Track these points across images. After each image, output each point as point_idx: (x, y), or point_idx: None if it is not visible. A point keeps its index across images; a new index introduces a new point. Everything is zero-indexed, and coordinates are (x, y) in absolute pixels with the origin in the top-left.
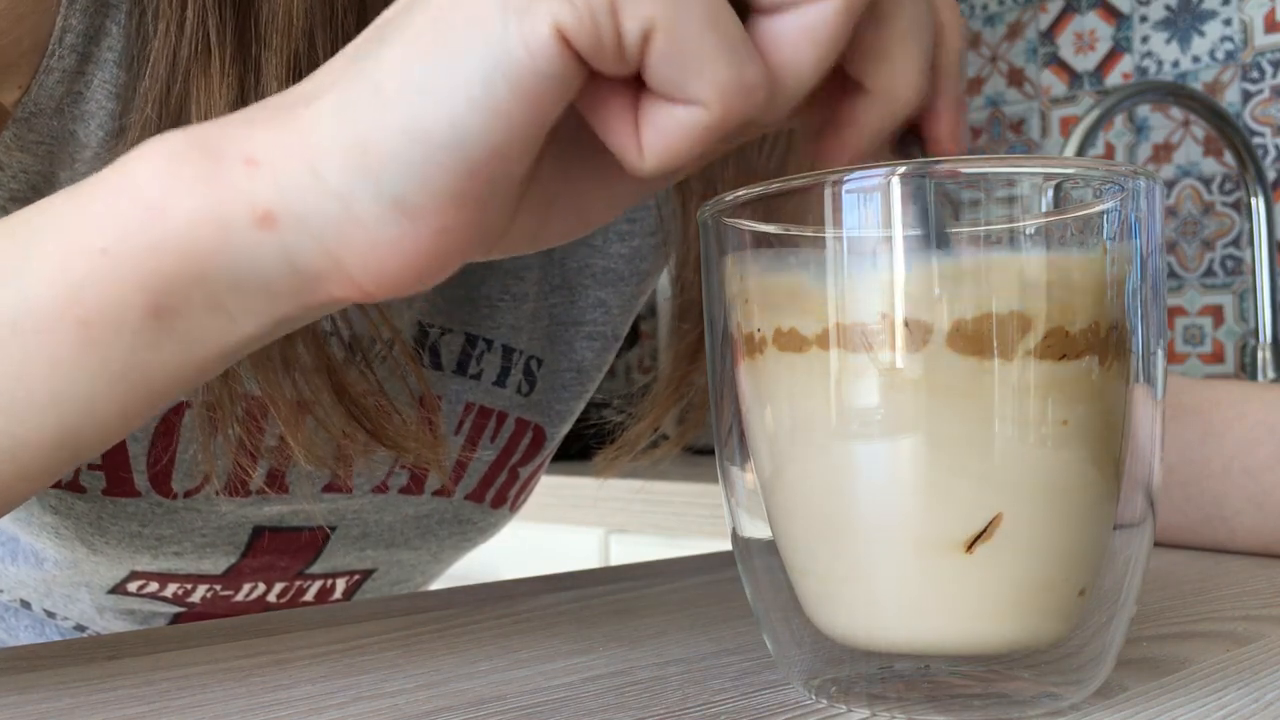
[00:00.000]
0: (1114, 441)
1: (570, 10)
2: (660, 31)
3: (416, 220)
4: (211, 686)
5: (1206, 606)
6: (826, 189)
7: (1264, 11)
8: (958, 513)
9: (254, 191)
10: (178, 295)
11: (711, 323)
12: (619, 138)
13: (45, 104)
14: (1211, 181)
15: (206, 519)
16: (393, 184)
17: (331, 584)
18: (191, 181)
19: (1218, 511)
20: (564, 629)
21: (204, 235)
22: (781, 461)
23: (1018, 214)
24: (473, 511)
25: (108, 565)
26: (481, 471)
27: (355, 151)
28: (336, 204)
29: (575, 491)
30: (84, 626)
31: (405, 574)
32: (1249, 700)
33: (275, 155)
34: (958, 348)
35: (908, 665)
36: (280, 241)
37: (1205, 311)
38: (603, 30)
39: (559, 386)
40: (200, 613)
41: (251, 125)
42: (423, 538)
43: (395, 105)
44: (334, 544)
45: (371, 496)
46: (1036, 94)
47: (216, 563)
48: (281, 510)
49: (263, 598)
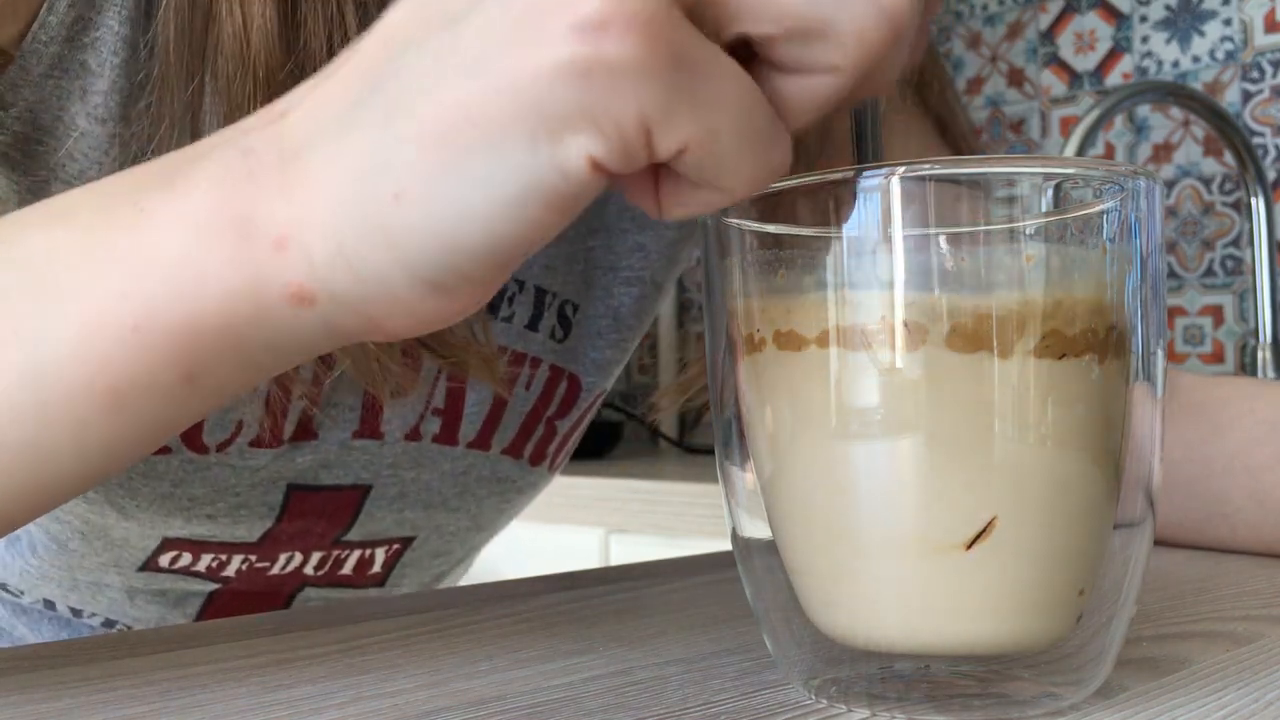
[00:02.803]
0: (1114, 441)
1: (602, 141)
2: (694, 147)
3: (453, 295)
4: (211, 686)
5: (1206, 606)
6: (827, 189)
7: (1264, 11)
8: (957, 512)
9: (286, 272)
10: (212, 363)
11: (712, 322)
12: (638, 198)
13: (55, 31)
14: (1211, 181)
15: (239, 475)
16: (427, 273)
17: (370, 554)
18: (222, 258)
19: (1219, 509)
20: (564, 629)
21: (239, 312)
22: (781, 461)
23: (1018, 214)
24: (511, 468)
25: (139, 533)
26: (517, 423)
27: (383, 245)
28: (372, 286)
29: (575, 491)
30: (113, 621)
31: (445, 544)
32: (1249, 700)
33: (302, 235)
34: (957, 347)
35: (908, 665)
36: (318, 315)
37: (1205, 311)
38: (635, 155)
39: (595, 334)
40: (235, 590)
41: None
42: (461, 497)
43: (421, 213)
44: (371, 504)
45: (404, 445)
46: (1036, 94)
47: (251, 528)
48: (315, 463)
49: (300, 569)
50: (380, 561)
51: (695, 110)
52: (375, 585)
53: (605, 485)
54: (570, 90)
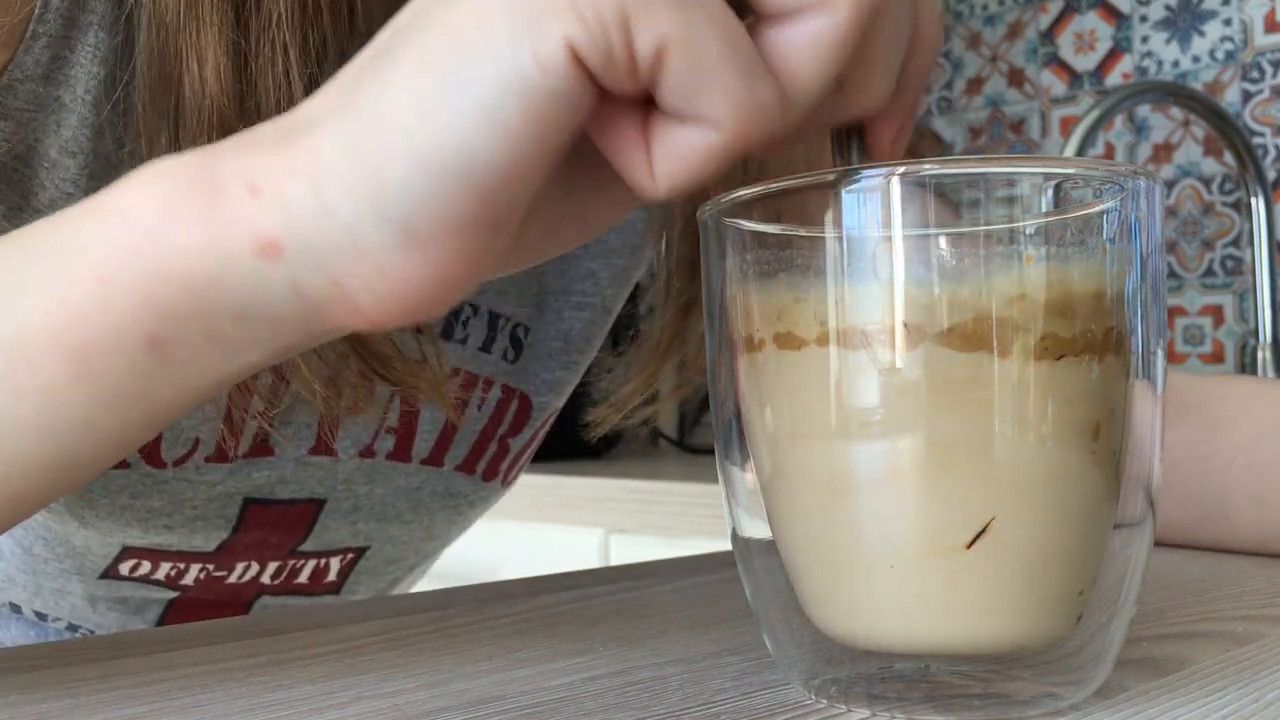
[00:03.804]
0: (1114, 441)
1: (582, 26)
2: (674, 47)
3: (425, 248)
4: (211, 686)
5: (1206, 606)
6: (826, 189)
7: (1264, 11)
8: (957, 512)
9: (257, 220)
10: (176, 325)
11: (711, 322)
12: (630, 161)
13: (31, 70)
14: (1211, 181)
15: (196, 489)
16: (400, 211)
17: (325, 564)
18: (191, 210)
19: (1219, 508)
20: (564, 629)
21: (205, 265)
22: (781, 461)
23: (1017, 214)
24: (464, 484)
25: (99, 541)
26: (470, 441)
27: (361, 179)
28: (343, 232)
29: (575, 491)
30: (76, 626)
31: (399, 552)
32: (1249, 700)
33: (279, 182)
34: (957, 347)
35: (908, 665)
36: (284, 271)
37: (1205, 311)
38: (615, 46)
39: (546, 355)
40: (194, 599)
41: (252, 151)
42: (414, 510)
43: (401, 131)
44: (325, 517)
45: (359, 461)
46: (1036, 94)
47: (208, 538)
48: (271, 479)
49: (256, 579)
50: (335, 570)
51: (676, 9)
52: (330, 593)
53: (605, 485)
54: None
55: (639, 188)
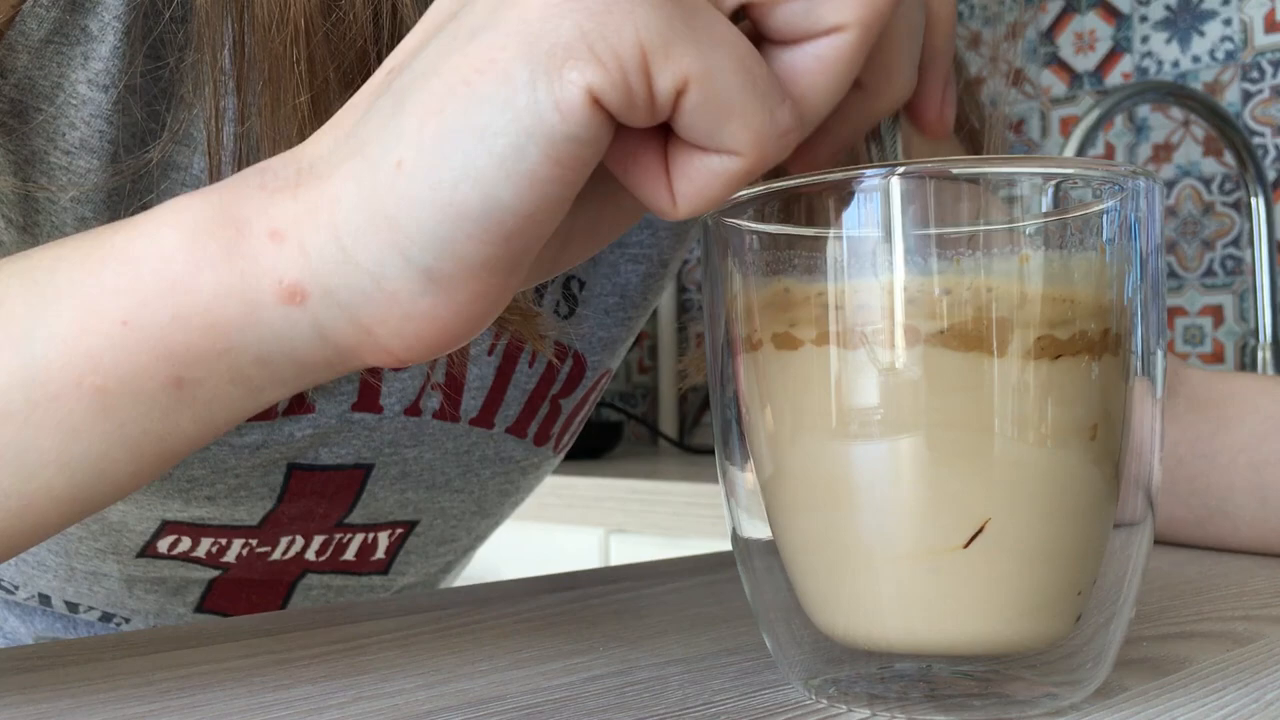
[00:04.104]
0: (1113, 441)
1: (602, 72)
2: (694, 85)
3: (450, 290)
4: (211, 686)
5: (1206, 606)
6: (827, 189)
7: (1264, 11)
8: (957, 512)
9: (280, 266)
10: (200, 368)
11: (711, 322)
12: (651, 191)
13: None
14: (1211, 181)
15: (239, 455)
16: (424, 257)
17: (373, 539)
18: (214, 255)
19: (1222, 506)
20: (564, 629)
21: (229, 309)
22: (781, 461)
23: (1017, 214)
24: (515, 447)
25: (137, 515)
26: (521, 400)
27: (382, 226)
28: (367, 279)
29: (575, 491)
30: (110, 614)
31: (449, 529)
32: (1249, 700)
33: (300, 229)
34: (956, 347)
35: (908, 665)
36: (309, 316)
37: (1205, 311)
38: (635, 88)
39: (601, 311)
40: (236, 578)
41: (271, 194)
42: (464, 477)
43: (421, 179)
44: (373, 484)
45: (404, 420)
46: (1036, 94)
47: (251, 509)
48: (313, 439)
49: (301, 555)
50: (383, 547)
51: (693, 44)
52: (378, 572)
53: (605, 485)
54: (568, 19)
55: (659, 211)
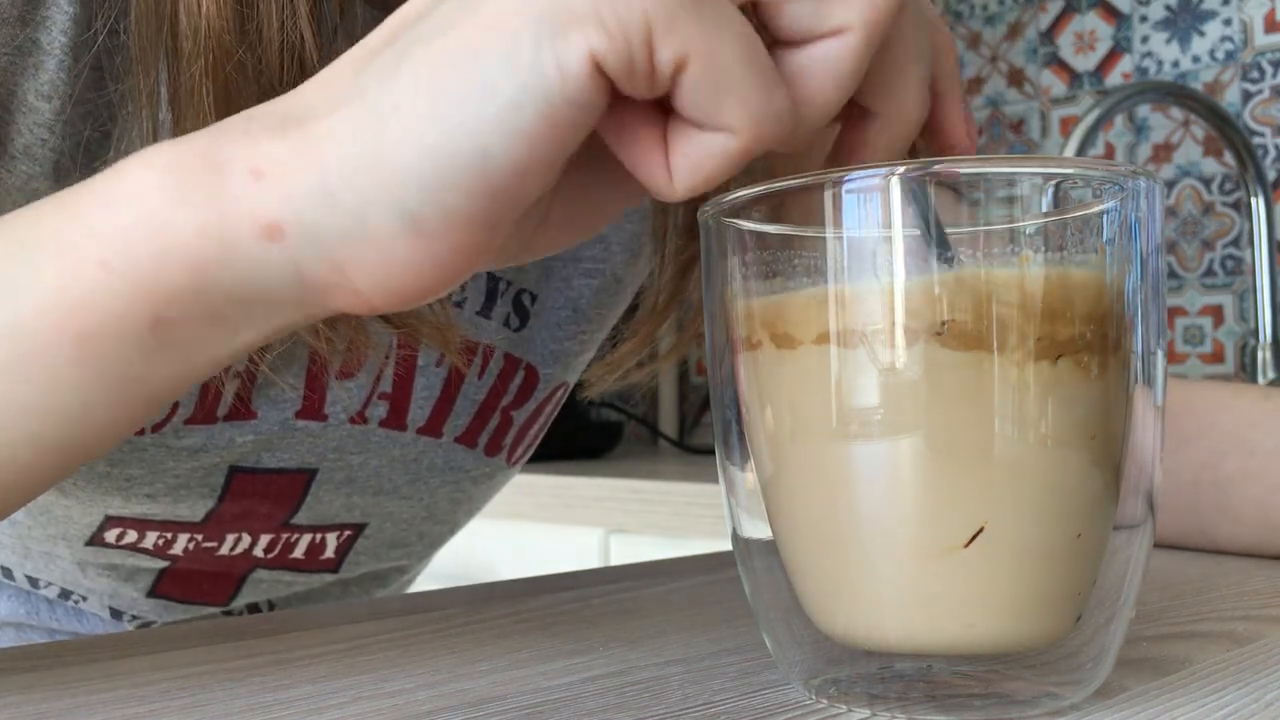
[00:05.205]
0: (1113, 441)
1: (606, 37)
2: (695, 60)
3: (430, 239)
4: (211, 686)
5: (1206, 606)
6: (826, 189)
7: (1264, 11)
8: (955, 512)
9: (259, 203)
10: (178, 307)
11: (711, 322)
12: (648, 166)
13: (7, 12)
14: (1211, 181)
15: (177, 457)
16: (409, 203)
17: (321, 539)
18: (194, 193)
19: (1195, 522)
20: (564, 629)
21: (207, 247)
22: (781, 461)
23: (1017, 214)
24: (465, 457)
25: (80, 509)
26: (470, 411)
27: (371, 168)
28: (348, 219)
29: (575, 491)
30: (69, 591)
31: (400, 533)
32: (1249, 700)
33: (283, 167)
34: (956, 347)
35: (908, 665)
36: (286, 254)
37: (1205, 311)
38: (637, 57)
39: (553, 324)
40: (185, 569)
41: (253, 137)
42: (412, 485)
43: (417, 125)
44: (317, 488)
45: (349, 428)
46: (1036, 94)
47: (193, 507)
48: (255, 444)
49: (249, 552)
50: (332, 548)
51: (698, 22)
52: (328, 570)
53: (605, 485)
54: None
55: (656, 189)
